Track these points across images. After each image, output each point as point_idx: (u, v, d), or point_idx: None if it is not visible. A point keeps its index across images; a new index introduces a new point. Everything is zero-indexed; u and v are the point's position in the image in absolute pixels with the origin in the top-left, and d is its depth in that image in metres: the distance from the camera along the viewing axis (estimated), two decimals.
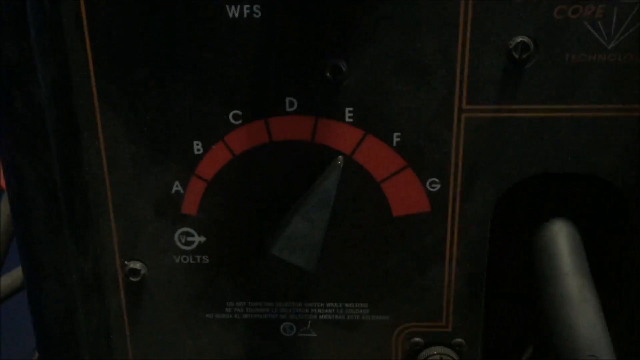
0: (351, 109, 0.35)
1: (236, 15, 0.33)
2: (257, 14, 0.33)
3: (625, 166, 0.35)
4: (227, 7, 0.33)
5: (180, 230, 0.38)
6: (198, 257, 0.39)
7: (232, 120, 0.36)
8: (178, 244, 0.39)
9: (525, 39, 0.33)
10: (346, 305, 0.39)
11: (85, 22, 0.34)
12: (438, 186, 0.36)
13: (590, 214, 0.39)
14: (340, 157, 0.36)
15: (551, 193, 0.39)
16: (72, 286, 0.37)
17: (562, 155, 0.35)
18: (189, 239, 0.38)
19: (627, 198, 0.36)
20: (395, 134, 0.35)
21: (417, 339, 0.40)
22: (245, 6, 0.33)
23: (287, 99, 0.35)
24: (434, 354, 0.39)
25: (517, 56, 0.33)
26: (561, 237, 0.36)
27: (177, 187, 0.37)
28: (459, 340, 0.40)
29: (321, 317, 0.40)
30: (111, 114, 0.36)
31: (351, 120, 0.35)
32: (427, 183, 0.36)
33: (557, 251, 0.36)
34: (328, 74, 0.34)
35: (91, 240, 0.38)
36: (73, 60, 0.34)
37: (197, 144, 0.36)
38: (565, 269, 0.35)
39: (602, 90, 0.34)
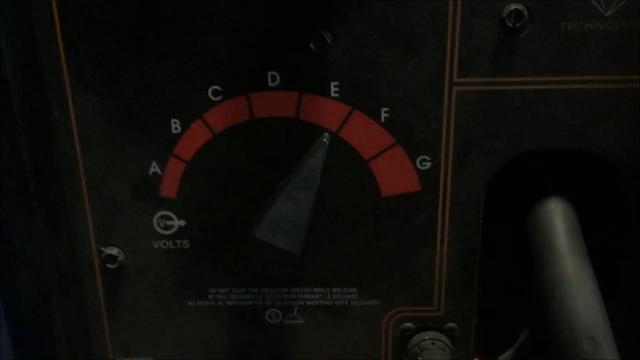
0: (337, 83, 0.34)
1: None
2: None
3: (624, 141, 0.34)
4: None
5: (158, 214, 0.37)
6: (178, 241, 0.37)
7: (211, 97, 0.34)
8: (157, 228, 0.37)
9: (519, 6, 0.31)
10: (334, 290, 0.38)
11: None
12: (429, 164, 0.35)
13: (587, 191, 0.37)
14: (325, 134, 0.34)
15: (546, 170, 0.37)
16: (46, 274, 0.36)
17: (558, 130, 0.34)
18: (168, 222, 0.37)
19: (625, 175, 0.34)
20: (384, 110, 0.34)
21: (408, 324, 0.39)
22: None
23: (269, 73, 0.33)
24: (426, 340, 0.38)
25: (510, 25, 0.32)
26: (556, 216, 0.35)
27: (154, 168, 0.36)
28: (451, 324, 0.38)
29: (308, 302, 0.39)
30: (83, 91, 0.34)
31: (337, 95, 0.34)
32: (417, 161, 0.35)
33: (552, 230, 0.35)
34: (312, 46, 0.33)
35: (65, 225, 0.36)
36: (40, 33, 0.33)
37: (175, 122, 0.35)
38: (561, 249, 0.34)
39: (600, 60, 0.32)
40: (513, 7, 0.31)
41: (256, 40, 0.33)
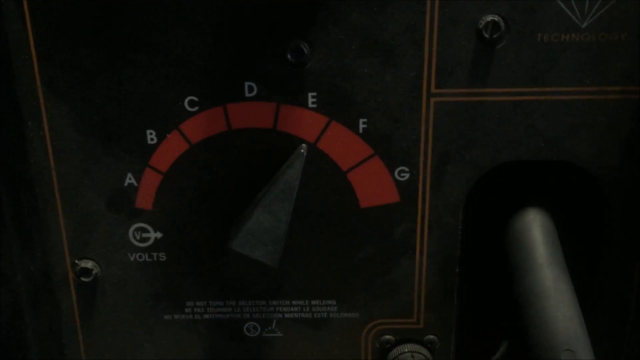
0: (314, 94, 0.33)
1: None
2: None
3: (601, 152, 0.34)
4: None
5: (134, 226, 0.36)
6: (154, 254, 0.37)
7: (187, 107, 0.34)
8: (132, 240, 0.37)
9: (496, 17, 0.32)
10: (313, 302, 0.38)
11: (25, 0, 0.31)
12: (407, 175, 0.35)
13: (566, 202, 0.37)
14: (303, 145, 0.34)
15: (525, 181, 0.37)
16: (18, 287, 0.35)
17: (535, 141, 0.34)
18: (145, 235, 0.36)
19: (603, 185, 0.34)
20: (362, 120, 0.34)
21: (387, 337, 0.38)
22: None
23: (246, 84, 0.33)
24: (405, 352, 0.38)
25: (487, 36, 0.32)
26: (535, 227, 0.35)
27: (130, 179, 0.35)
28: (431, 337, 0.38)
29: (287, 315, 0.38)
30: (56, 101, 0.34)
31: (315, 106, 0.34)
32: (396, 172, 0.35)
33: (530, 241, 0.35)
34: (289, 57, 0.32)
35: (38, 237, 0.36)
36: (13, 42, 0.32)
37: (151, 133, 0.34)
38: (540, 260, 0.34)
39: (576, 71, 0.32)
40: (489, 18, 0.32)
41: (233, 50, 0.33)
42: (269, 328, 0.39)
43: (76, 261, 0.37)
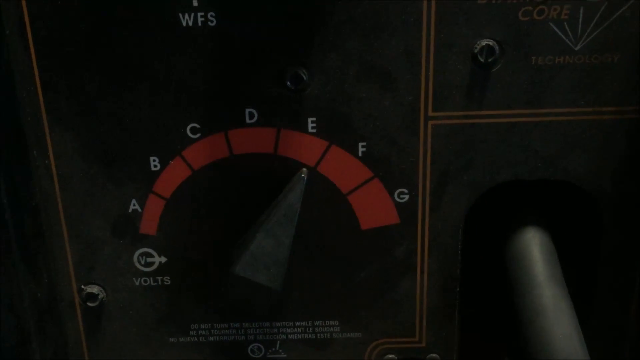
0: (314, 119, 0.34)
1: (190, 23, 0.32)
2: (212, 21, 0.32)
3: (596, 170, 0.34)
4: (180, 15, 0.32)
5: (139, 251, 0.37)
6: (159, 278, 0.37)
7: (189, 134, 0.34)
8: (137, 265, 0.37)
9: (491, 42, 0.32)
10: (316, 323, 0.38)
11: (29, 31, 0.32)
12: (407, 197, 0.35)
13: (563, 220, 0.38)
14: (304, 169, 0.35)
15: (523, 200, 0.38)
16: (25, 313, 0.35)
17: (532, 161, 0.34)
18: (149, 259, 0.37)
19: (599, 203, 0.35)
20: (361, 144, 0.34)
21: (390, 356, 0.39)
22: (200, 14, 0.32)
23: (247, 110, 0.34)
24: None
25: (482, 60, 0.32)
26: (534, 246, 0.35)
27: (134, 205, 0.36)
28: (433, 355, 0.39)
29: (290, 336, 0.39)
30: (61, 129, 0.34)
31: (314, 130, 0.34)
32: (395, 194, 0.35)
33: (530, 260, 0.35)
34: (288, 83, 0.33)
35: (44, 264, 0.36)
36: (18, 72, 0.33)
37: (154, 160, 0.35)
38: (539, 278, 0.34)
39: (571, 93, 0.33)
40: (484, 43, 0.32)
41: (233, 78, 0.33)
42: (273, 349, 0.39)
43: (82, 286, 0.37)
